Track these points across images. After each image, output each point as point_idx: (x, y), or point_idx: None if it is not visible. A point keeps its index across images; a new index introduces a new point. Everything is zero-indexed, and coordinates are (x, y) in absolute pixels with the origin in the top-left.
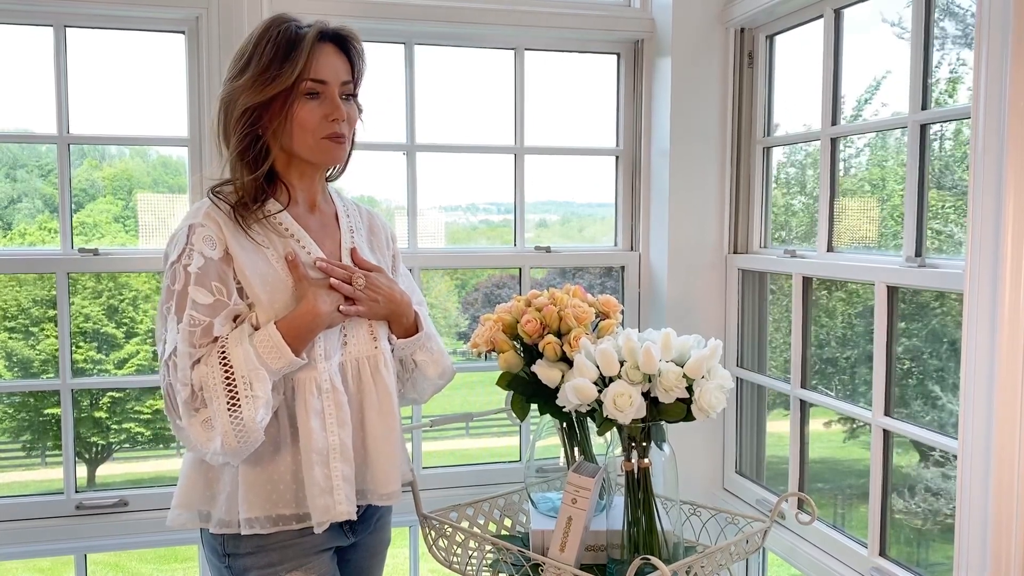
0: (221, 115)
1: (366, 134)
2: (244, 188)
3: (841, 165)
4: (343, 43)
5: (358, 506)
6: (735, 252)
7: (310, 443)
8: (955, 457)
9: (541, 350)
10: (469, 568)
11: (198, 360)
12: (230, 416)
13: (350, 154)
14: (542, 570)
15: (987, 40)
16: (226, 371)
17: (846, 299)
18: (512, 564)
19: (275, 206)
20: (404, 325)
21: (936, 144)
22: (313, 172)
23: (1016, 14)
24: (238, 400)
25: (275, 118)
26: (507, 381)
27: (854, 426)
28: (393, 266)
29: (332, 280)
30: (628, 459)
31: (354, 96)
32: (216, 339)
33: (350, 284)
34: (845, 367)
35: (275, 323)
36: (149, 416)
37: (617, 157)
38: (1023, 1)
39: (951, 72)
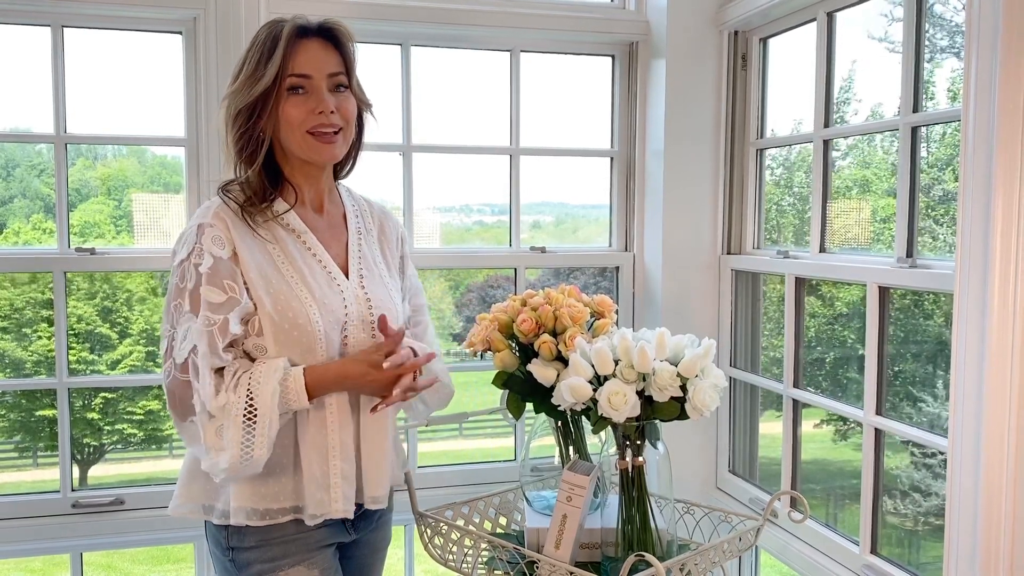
0: (223, 120)
1: (368, 132)
2: (251, 186)
3: (834, 165)
4: (329, 35)
5: (357, 504)
6: (728, 253)
7: (311, 441)
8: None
9: (537, 349)
10: (464, 566)
11: (220, 369)
12: (242, 450)
13: (358, 150)
14: (537, 567)
15: (976, 42)
16: (249, 406)
17: (831, 299)
18: (508, 562)
19: (282, 206)
20: None
21: (924, 147)
22: (318, 172)
23: (1005, 17)
24: (253, 438)
25: (264, 117)
26: (503, 380)
27: (845, 427)
28: (402, 267)
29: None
30: (623, 457)
31: (349, 87)
32: (235, 346)
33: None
34: (837, 367)
35: (304, 369)
36: (142, 417)
37: (612, 158)
38: (1012, 4)
39: (929, 75)
